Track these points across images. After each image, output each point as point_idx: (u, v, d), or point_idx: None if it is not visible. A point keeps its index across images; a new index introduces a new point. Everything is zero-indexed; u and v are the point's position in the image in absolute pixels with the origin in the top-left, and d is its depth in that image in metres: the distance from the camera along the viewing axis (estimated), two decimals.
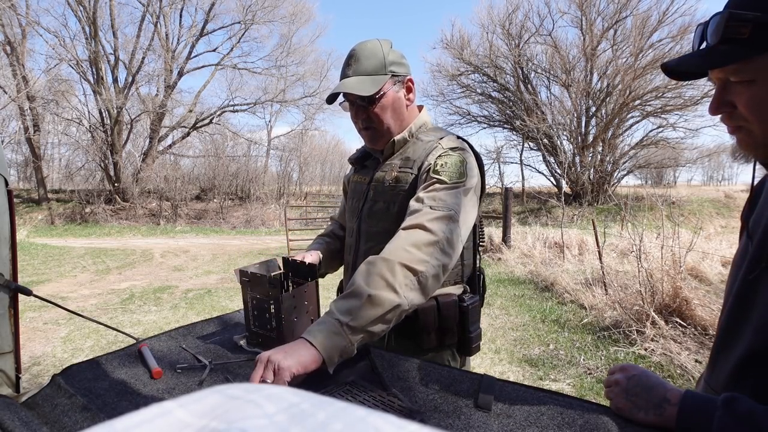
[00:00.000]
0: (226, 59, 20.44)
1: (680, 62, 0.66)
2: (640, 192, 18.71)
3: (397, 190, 1.11)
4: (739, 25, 0.58)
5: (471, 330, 1.12)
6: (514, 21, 20.28)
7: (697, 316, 3.52)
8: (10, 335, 1.15)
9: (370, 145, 1.20)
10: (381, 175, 1.15)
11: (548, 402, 0.78)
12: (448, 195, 0.98)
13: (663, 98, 18.11)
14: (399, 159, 1.14)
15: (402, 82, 1.13)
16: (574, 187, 19.07)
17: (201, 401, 0.19)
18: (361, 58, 1.08)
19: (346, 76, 1.09)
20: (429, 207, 0.95)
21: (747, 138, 0.65)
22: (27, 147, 19.09)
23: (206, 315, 4.35)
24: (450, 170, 1.02)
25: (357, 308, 0.81)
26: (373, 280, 0.84)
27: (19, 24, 16.62)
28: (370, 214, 1.15)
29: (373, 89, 1.06)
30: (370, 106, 1.10)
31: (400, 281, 0.85)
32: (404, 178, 1.10)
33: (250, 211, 17.93)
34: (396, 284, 0.85)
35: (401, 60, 1.12)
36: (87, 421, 0.75)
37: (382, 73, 1.08)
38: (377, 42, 1.10)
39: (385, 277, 0.85)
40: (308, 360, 0.76)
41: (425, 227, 0.92)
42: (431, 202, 0.96)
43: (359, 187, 1.23)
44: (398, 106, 1.13)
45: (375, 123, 1.12)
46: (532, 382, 3.00)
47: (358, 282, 0.85)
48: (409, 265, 0.86)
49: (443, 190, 0.99)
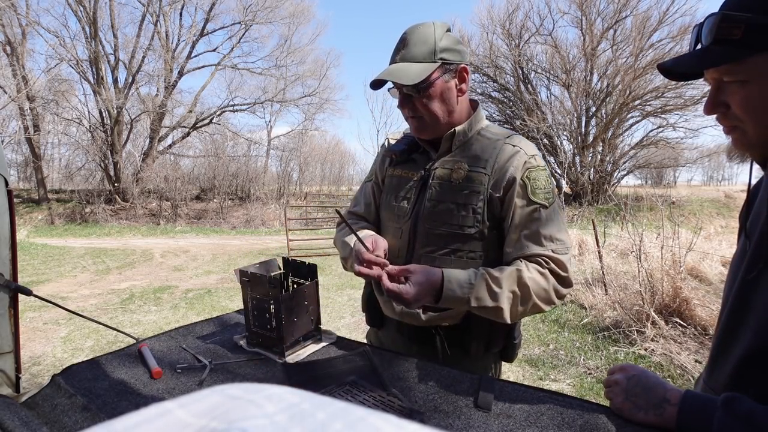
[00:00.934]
0: (226, 59, 20.44)
1: (676, 63, 0.67)
2: (640, 192, 18.71)
3: (469, 190, 1.02)
4: (732, 26, 0.58)
5: (515, 336, 1.14)
6: (514, 21, 20.28)
7: (697, 316, 3.52)
8: (10, 335, 1.15)
9: (417, 134, 1.11)
10: (445, 172, 1.06)
11: (548, 402, 0.78)
12: (553, 224, 1.02)
13: (663, 98, 18.11)
14: (463, 156, 1.06)
15: (454, 71, 1.03)
16: (574, 187, 19.07)
17: (201, 401, 0.19)
18: (410, 43, 1.01)
19: (394, 61, 1.03)
20: (551, 250, 1.00)
21: (742, 138, 0.65)
22: (27, 147, 19.08)
23: (206, 315, 4.35)
24: (543, 189, 1.03)
25: (483, 304, 0.95)
26: (513, 299, 0.96)
27: (19, 24, 16.62)
28: (431, 214, 1.05)
29: (419, 78, 0.98)
30: (417, 95, 1.02)
31: (524, 313, 0.99)
32: (477, 178, 1.02)
33: (250, 211, 17.92)
34: (519, 314, 0.99)
35: (455, 46, 1.03)
36: (87, 421, 0.75)
37: (431, 60, 1.00)
38: (431, 26, 1.02)
39: (521, 303, 0.97)
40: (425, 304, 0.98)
41: (565, 280, 1.00)
42: (550, 244, 1.00)
43: (404, 183, 1.13)
44: (448, 96, 1.04)
45: (422, 112, 1.04)
46: (532, 382, 3.00)
47: (504, 288, 0.96)
48: (541, 307, 0.99)
49: (549, 221, 1.01)
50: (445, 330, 1.09)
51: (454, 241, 1.04)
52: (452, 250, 1.04)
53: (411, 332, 1.13)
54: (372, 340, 1.28)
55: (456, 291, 0.95)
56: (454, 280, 0.95)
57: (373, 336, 1.28)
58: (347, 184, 41.23)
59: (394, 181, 1.16)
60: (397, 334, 1.17)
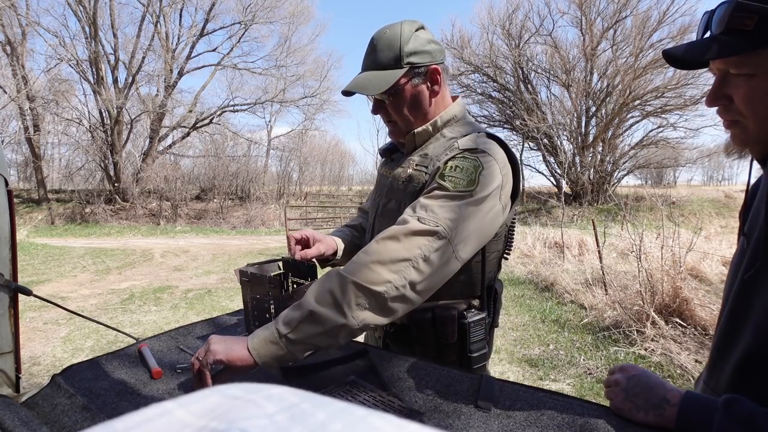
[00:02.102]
0: (226, 59, 20.46)
1: (683, 50, 0.64)
2: (640, 192, 18.72)
3: (408, 189, 1.02)
4: (745, 16, 0.56)
5: (472, 350, 1.00)
6: (514, 21, 20.31)
7: (697, 316, 3.52)
8: (10, 335, 1.15)
9: (394, 138, 1.13)
10: (399, 171, 1.08)
11: (548, 402, 0.78)
12: (443, 206, 0.87)
13: (663, 98, 18.12)
14: (419, 155, 1.05)
15: (424, 73, 1.02)
16: (574, 187, 19.08)
17: (201, 401, 0.19)
18: (377, 49, 1.00)
19: (363, 68, 1.04)
20: (417, 219, 0.85)
21: (741, 133, 0.64)
22: (27, 147, 19.09)
23: (206, 315, 4.35)
24: (457, 176, 0.91)
25: (297, 321, 0.77)
26: (321, 295, 0.79)
27: (19, 24, 16.63)
28: (383, 212, 1.09)
29: (385, 86, 0.98)
30: (388, 101, 1.03)
31: (349, 301, 0.79)
32: (418, 177, 1.01)
33: (250, 211, 17.93)
34: (344, 304, 0.78)
35: (425, 47, 1.00)
36: (87, 421, 0.75)
37: (398, 66, 0.99)
38: (397, 28, 0.99)
39: (334, 294, 0.79)
40: (236, 356, 0.76)
41: (399, 241, 0.83)
42: (422, 212, 0.86)
43: (383, 181, 1.16)
44: (419, 99, 1.03)
45: (395, 118, 1.06)
46: (532, 382, 3.00)
47: (308, 294, 0.81)
48: (366, 285, 0.79)
49: (441, 198, 0.88)
50: (392, 327, 1.09)
51: None
52: None
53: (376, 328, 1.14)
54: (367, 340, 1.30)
55: (259, 334, 0.78)
56: (256, 333, 0.79)
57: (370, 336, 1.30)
58: (347, 184, 41.23)
59: (378, 179, 1.21)
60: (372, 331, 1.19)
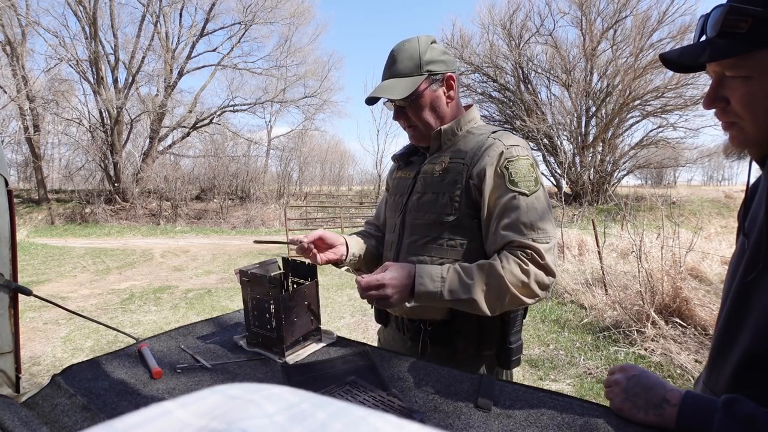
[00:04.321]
0: (226, 59, 20.46)
1: (678, 53, 0.65)
2: (640, 192, 18.73)
3: (447, 180, 1.08)
4: (739, 19, 0.57)
5: (511, 341, 1.08)
6: (514, 21, 20.30)
7: (697, 317, 3.52)
8: (10, 335, 1.15)
9: (415, 142, 1.21)
10: (430, 167, 1.14)
11: (548, 402, 0.78)
12: (537, 212, 0.99)
13: (663, 98, 18.11)
14: (451, 152, 1.12)
15: (441, 79, 1.12)
16: (574, 187, 19.07)
17: (201, 401, 0.19)
18: (397, 59, 1.09)
19: (385, 77, 1.12)
20: (532, 240, 0.97)
21: (739, 135, 0.64)
22: (27, 147, 19.09)
23: (206, 315, 4.35)
24: (525, 179, 1.01)
25: (456, 297, 0.95)
26: (488, 291, 0.95)
27: (19, 24, 16.63)
28: (417, 206, 1.13)
29: (408, 91, 1.07)
30: (409, 106, 1.11)
31: (503, 305, 0.97)
32: (455, 168, 1.08)
33: (250, 211, 17.93)
34: (497, 307, 0.97)
35: (440, 57, 1.11)
36: (87, 421, 0.75)
37: (418, 74, 1.08)
38: (416, 41, 1.10)
39: (496, 295, 0.95)
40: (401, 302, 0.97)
41: (545, 268, 0.97)
42: (532, 233, 0.98)
43: (403, 182, 1.22)
44: (438, 104, 1.13)
45: (415, 122, 1.14)
46: (532, 382, 3.00)
47: (476, 279, 0.95)
48: (521, 298, 0.96)
49: (525, 205, 0.99)
50: (431, 325, 1.09)
51: (434, 230, 1.08)
52: (433, 238, 1.08)
53: (408, 329, 1.14)
54: (380, 338, 1.33)
55: (428, 285, 0.96)
56: (425, 274, 0.97)
57: (381, 334, 1.32)
58: (347, 184, 41.25)
59: (396, 183, 1.27)
60: (397, 331, 1.19)
